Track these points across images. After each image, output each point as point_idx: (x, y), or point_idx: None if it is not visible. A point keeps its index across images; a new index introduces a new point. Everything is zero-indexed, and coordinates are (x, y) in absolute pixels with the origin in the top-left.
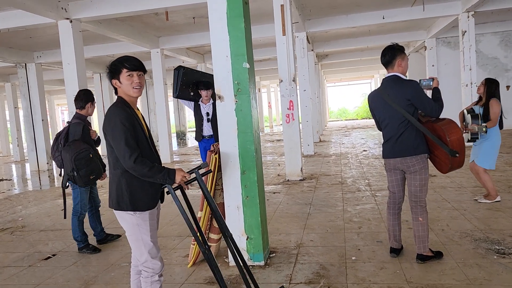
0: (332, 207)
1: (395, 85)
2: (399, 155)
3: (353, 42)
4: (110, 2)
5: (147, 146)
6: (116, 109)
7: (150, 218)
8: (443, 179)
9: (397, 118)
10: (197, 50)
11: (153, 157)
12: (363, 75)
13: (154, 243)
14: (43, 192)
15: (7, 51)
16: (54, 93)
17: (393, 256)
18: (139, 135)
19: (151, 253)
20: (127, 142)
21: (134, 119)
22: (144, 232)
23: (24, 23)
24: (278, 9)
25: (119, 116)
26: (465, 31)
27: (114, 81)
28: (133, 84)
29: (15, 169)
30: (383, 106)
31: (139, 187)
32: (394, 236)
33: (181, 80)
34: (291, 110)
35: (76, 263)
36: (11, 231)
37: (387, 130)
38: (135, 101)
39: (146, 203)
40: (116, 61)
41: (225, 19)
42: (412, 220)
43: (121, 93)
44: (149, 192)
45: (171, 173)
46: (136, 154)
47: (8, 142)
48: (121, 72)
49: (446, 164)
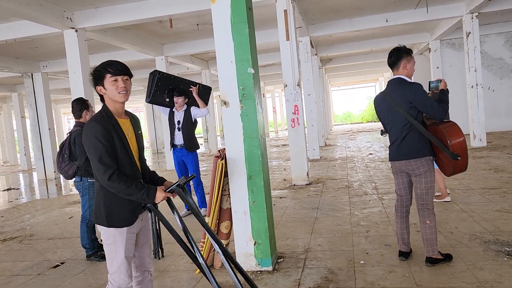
0: (339, 211)
1: (399, 87)
2: (403, 158)
3: (357, 46)
4: (115, 11)
5: (127, 161)
6: (93, 123)
7: (128, 232)
8: (451, 181)
9: (400, 121)
10: (201, 56)
11: (135, 174)
12: (368, 78)
13: (128, 258)
14: (51, 201)
15: (13, 61)
16: (60, 102)
17: (402, 260)
18: (118, 151)
19: (121, 267)
20: (101, 159)
21: (112, 134)
22: (119, 245)
23: (30, 33)
24: (281, 14)
25: (95, 131)
26: (469, 32)
27: (99, 87)
28: (118, 89)
29: (23, 178)
30: (387, 108)
31: (117, 203)
32: (402, 240)
33: (155, 85)
34: (296, 114)
35: (84, 270)
36: (19, 240)
37: (392, 132)
38: (121, 108)
39: (124, 219)
40: (99, 67)
41: (229, 25)
42: (419, 223)
43: (107, 100)
44: (127, 208)
45: (151, 193)
46: (110, 171)
47: (15, 151)
48: (104, 77)
49: (449, 167)
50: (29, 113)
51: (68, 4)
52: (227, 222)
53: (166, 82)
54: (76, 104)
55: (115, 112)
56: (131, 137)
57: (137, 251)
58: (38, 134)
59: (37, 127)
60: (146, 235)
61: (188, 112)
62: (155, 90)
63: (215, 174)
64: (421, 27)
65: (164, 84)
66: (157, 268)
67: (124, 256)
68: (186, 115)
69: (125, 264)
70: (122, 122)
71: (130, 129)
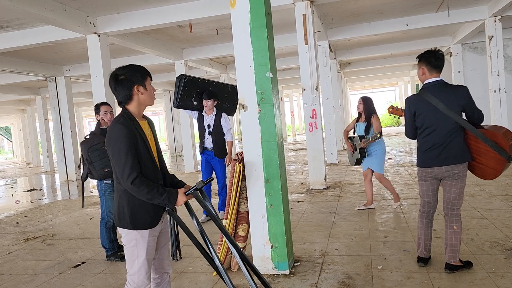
0: (357, 216)
1: (446, 90)
2: (446, 163)
3: (376, 50)
4: (136, 16)
5: (150, 164)
6: (118, 126)
7: (150, 235)
8: (472, 187)
9: (446, 124)
10: (220, 60)
11: (157, 176)
12: (387, 82)
13: (148, 260)
14: (72, 202)
15: (38, 65)
16: (82, 105)
17: (421, 266)
18: (142, 153)
19: (142, 269)
20: (126, 162)
21: (137, 136)
22: (141, 248)
23: (54, 38)
24: (300, 18)
25: (121, 134)
26: (492, 36)
27: (139, 87)
28: (153, 94)
29: (45, 179)
30: (432, 111)
31: (141, 206)
32: (425, 246)
33: (182, 89)
34: (314, 118)
35: (104, 270)
36: (42, 240)
37: (431, 137)
38: (143, 111)
39: (148, 221)
40: (139, 67)
41: (248, 30)
42: (445, 228)
43: (133, 103)
44: (151, 211)
45: (172, 197)
46: (134, 175)
47: (38, 153)
48: (146, 79)
49: (497, 171)
50: (52, 115)
51: (91, 9)
52: (244, 225)
53: (193, 86)
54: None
55: (138, 114)
56: (150, 139)
57: (157, 253)
58: (61, 136)
59: (60, 130)
60: (165, 237)
61: (218, 117)
62: (182, 94)
63: (233, 177)
64: (442, 30)
65: (191, 87)
66: (175, 269)
67: (145, 259)
68: (216, 120)
69: (146, 266)
70: (142, 124)
71: (149, 132)
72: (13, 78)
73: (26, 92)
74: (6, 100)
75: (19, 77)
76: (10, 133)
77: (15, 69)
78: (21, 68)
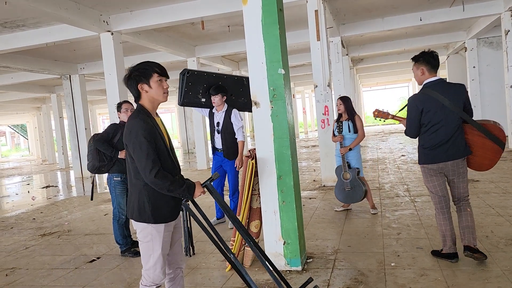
0: (369, 213)
1: (449, 88)
2: (452, 158)
3: (389, 45)
4: (149, 14)
5: (168, 158)
6: (137, 121)
7: (165, 230)
8: (487, 184)
9: (453, 121)
10: (231, 57)
11: (174, 169)
12: (401, 78)
13: (164, 255)
14: (87, 198)
15: (52, 63)
16: (96, 103)
17: (455, 262)
18: (160, 147)
19: (157, 264)
20: (148, 156)
21: (155, 130)
22: (157, 243)
23: (69, 36)
24: (312, 14)
25: (141, 128)
26: (508, 30)
27: (142, 85)
28: (164, 89)
29: (60, 176)
30: (440, 108)
31: (162, 200)
32: (453, 240)
33: (186, 85)
34: (327, 115)
35: (119, 265)
36: (58, 235)
37: (438, 133)
38: (156, 108)
39: (168, 215)
40: (145, 65)
41: (260, 26)
42: (459, 215)
43: (144, 100)
44: (171, 205)
45: (191, 188)
46: (157, 169)
47: (53, 150)
48: (151, 76)
49: (493, 161)
50: (67, 113)
51: (104, 8)
52: (257, 221)
53: (199, 81)
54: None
55: (152, 110)
56: (164, 135)
57: (170, 249)
58: (75, 134)
59: (74, 127)
60: (178, 232)
61: (228, 114)
62: (186, 91)
63: (246, 173)
64: (456, 25)
65: (196, 83)
66: (188, 265)
67: (161, 254)
68: (226, 117)
69: (161, 261)
70: (158, 120)
71: (163, 128)
72: (29, 77)
73: (41, 90)
74: (22, 98)
75: (34, 75)
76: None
77: (30, 67)
78: (36, 66)
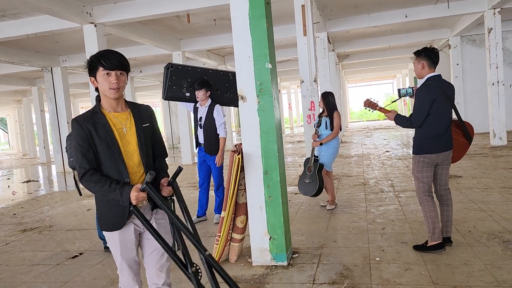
0: (354, 208)
1: (447, 84)
2: (450, 148)
3: (374, 42)
4: (133, 6)
5: (111, 159)
6: (72, 122)
7: (121, 237)
8: (469, 179)
9: (450, 113)
10: (217, 52)
11: (121, 172)
12: (385, 75)
13: (127, 262)
14: (69, 193)
15: (34, 55)
16: (79, 96)
17: (449, 245)
18: (100, 149)
19: (122, 270)
20: (77, 159)
21: (91, 133)
22: (115, 249)
23: (51, 28)
24: (299, 9)
25: (74, 131)
26: (491, 28)
27: (92, 79)
28: (110, 84)
29: (42, 171)
30: (445, 100)
31: (105, 206)
32: (446, 227)
33: (169, 79)
34: (313, 110)
35: (102, 261)
36: (39, 231)
37: (438, 125)
38: (115, 103)
39: (112, 223)
40: (93, 57)
41: (247, 19)
42: (441, 209)
43: (100, 93)
44: (116, 212)
45: (125, 192)
46: (82, 172)
47: (34, 144)
48: (97, 69)
49: (463, 153)
50: (49, 106)
51: None
52: (242, 216)
53: (183, 75)
54: None
55: (108, 106)
56: (128, 130)
57: (144, 259)
58: (57, 128)
59: (56, 121)
60: (151, 244)
61: (211, 109)
62: (170, 85)
63: (232, 168)
64: (441, 23)
65: (181, 77)
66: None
67: (122, 260)
68: (208, 112)
69: (125, 268)
70: (115, 116)
71: (129, 123)
72: (9, 69)
73: (22, 82)
74: (2, 90)
75: (15, 67)
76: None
77: (10, 59)
78: (17, 58)
